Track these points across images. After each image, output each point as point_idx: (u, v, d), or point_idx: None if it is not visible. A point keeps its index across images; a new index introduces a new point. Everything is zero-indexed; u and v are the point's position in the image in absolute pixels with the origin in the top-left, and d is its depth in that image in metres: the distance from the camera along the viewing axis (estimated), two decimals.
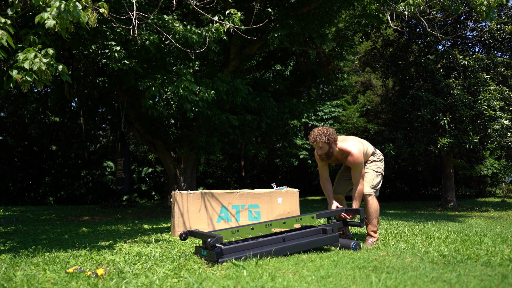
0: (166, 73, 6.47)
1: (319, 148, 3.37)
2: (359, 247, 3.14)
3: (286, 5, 7.91)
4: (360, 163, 3.41)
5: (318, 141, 3.34)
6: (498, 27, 10.24)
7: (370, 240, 3.42)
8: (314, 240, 3.13)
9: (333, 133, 3.40)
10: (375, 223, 3.47)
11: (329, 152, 3.37)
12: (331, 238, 3.20)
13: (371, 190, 3.51)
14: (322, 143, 3.34)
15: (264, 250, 2.88)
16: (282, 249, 2.95)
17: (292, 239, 3.16)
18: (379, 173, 3.59)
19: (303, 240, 3.12)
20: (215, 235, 2.72)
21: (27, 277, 2.34)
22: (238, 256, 2.75)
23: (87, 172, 15.32)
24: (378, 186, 3.55)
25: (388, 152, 10.29)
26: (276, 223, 3.22)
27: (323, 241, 3.17)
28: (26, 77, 2.99)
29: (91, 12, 3.21)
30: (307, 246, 3.09)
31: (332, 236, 3.21)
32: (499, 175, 15.30)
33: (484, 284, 2.03)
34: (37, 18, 3.01)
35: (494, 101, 9.45)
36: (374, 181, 3.53)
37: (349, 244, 3.17)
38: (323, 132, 3.33)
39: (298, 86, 11.56)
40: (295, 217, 3.32)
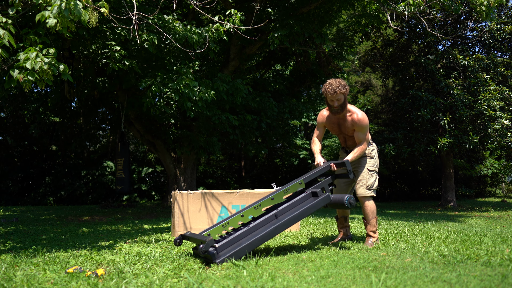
0: (166, 72, 6.48)
1: (336, 100, 3.26)
2: (352, 200, 3.07)
3: (286, 5, 7.91)
4: (366, 125, 3.30)
5: (338, 92, 3.24)
6: (498, 27, 10.24)
7: (370, 240, 3.39)
8: (307, 208, 3.03)
9: (348, 88, 3.35)
10: (373, 223, 3.42)
11: (344, 104, 3.28)
12: (324, 200, 3.10)
13: (367, 192, 3.38)
14: (341, 94, 3.25)
15: (259, 235, 2.80)
16: (277, 228, 2.86)
17: (284, 213, 3.05)
18: (373, 172, 3.42)
19: (296, 212, 3.01)
20: (206, 239, 2.66)
21: (27, 277, 2.34)
22: (234, 249, 2.70)
23: (87, 172, 15.33)
24: (374, 185, 3.40)
25: (388, 152, 10.29)
26: (265, 201, 3.08)
27: (316, 205, 3.07)
28: (28, 77, 2.99)
29: (91, 12, 3.21)
30: (301, 216, 2.99)
31: (324, 198, 3.10)
32: (499, 175, 15.31)
33: (484, 284, 2.03)
34: (38, 16, 3.00)
35: (494, 101, 9.45)
36: (369, 181, 3.38)
37: (342, 199, 3.07)
38: (341, 84, 3.26)
39: (298, 86, 11.56)
40: (283, 189, 3.16)
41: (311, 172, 3.32)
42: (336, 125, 3.44)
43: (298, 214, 2.99)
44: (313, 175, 3.29)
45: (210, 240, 2.64)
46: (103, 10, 3.28)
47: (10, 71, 3.00)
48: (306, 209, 3.04)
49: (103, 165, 15.41)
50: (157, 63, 6.96)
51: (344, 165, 3.24)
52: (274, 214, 3.01)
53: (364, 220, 3.47)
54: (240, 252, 2.73)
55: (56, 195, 14.67)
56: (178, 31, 5.50)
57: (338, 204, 3.14)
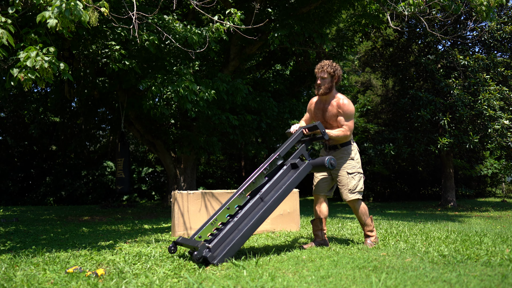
0: (166, 73, 6.48)
1: (321, 78, 3.22)
2: (333, 161, 3.01)
3: (286, 5, 7.91)
4: (351, 111, 3.20)
5: (325, 69, 3.21)
6: (498, 27, 10.24)
7: (369, 240, 3.36)
8: (291, 182, 2.93)
9: (341, 72, 3.29)
10: (369, 223, 3.36)
11: (329, 86, 3.21)
12: (305, 169, 3.01)
13: (350, 196, 3.25)
14: (326, 73, 3.21)
15: (250, 223, 2.75)
16: (265, 211, 2.80)
17: (269, 193, 2.96)
18: (354, 173, 3.27)
19: (281, 189, 2.91)
20: (198, 244, 2.61)
21: (27, 277, 2.34)
22: (228, 245, 2.66)
23: (87, 172, 15.33)
24: (357, 188, 3.25)
25: (388, 152, 10.29)
26: (248, 187, 3.00)
27: (299, 177, 2.97)
28: (28, 75, 2.99)
29: (92, 12, 3.21)
30: (286, 192, 2.90)
31: (305, 166, 3.01)
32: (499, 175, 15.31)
33: (484, 284, 2.03)
34: (39, 17, 3.00)
35: (494, 101, 9.45)
36: (350, 184, 3.24)
37: (323, 161, 3.01)
38: (332, 64, 3.25)
39: (298, 86, 11.56)
40: (263, 168, 3.06)
41: (286, 143, 3.18)
42: (321, 110, 3.33)
43: (283, 191, 2.90)
44: (288, 146, 3.16)
45: (202, 246, 2.59)
46: (103, 10, 3.28)
47: (11, 70, 3.00)
48: (290, 183, 2.94)
49: (103, 165, 15.41)
50: (157, 63, 6.96)
51: (317, 128, 3.10)
52: (259, 198, 2.92)
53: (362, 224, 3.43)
54: (234, 247, 2.68)
55: (56, 195, 14.67)
56: (178, 31, 5.50)
57: (320, 167, 3.05)
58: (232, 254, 2.67)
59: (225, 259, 2.62)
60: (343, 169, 3.26)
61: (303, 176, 3.03)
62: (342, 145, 3.28)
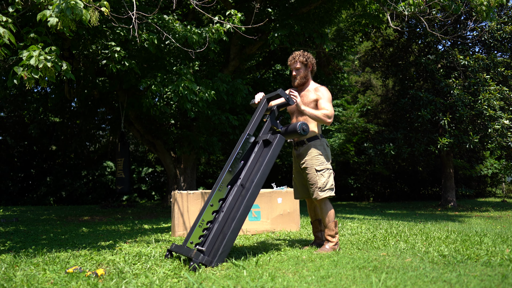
0: (166, 72, 6.48)
1: (295, 69, 3.17)
2: (305, 126, 2.89)
3: (286, 5, 7.91)
4: (329, 95, 3.12)
5: (296, 59, 3.15)
6: (498, 27, 10.24)
7: (328, 246, 3.10)
8: (267, 161, 2.79)
9: (313, 59, 3.23)
10: (332, 227, 3.11)
11: (304, 75, 3.17)
12: (279, 142, 2.86)
13: (320, 194, 3.05)
14: (299, 63, 3.16)
15: (238, 215, 2.65)
16: (249, 198, 2.70)
17: (248, 178, 2.83)
18: (323, 170, 3.08)
19: (260, 170, 2.77)
20: (191, 254, 2.54)
21: (27, 277, 2.34)
22: (222, 244, 2.60)
23: (87, 172, 15.33)
24: (327, 185, 3.07)
25: (388, 152, 10.29)
26: (225, 178, 2.84)
27: (274, 153, 2.82)
28: (32, 74, 2.99)
29: (92, 11, 3.21)
30: (266, 170, 2.77)
31: (278, 140, 2.86)
32: (499, 175, 15.31)
33: (484, 284, 2.03)
34: (39, 15, 3.00)
35: (494, 101, 9.45)
36: (320, 182, 3.06)
37: (295, 128, 2.90)
38: (304, 54, 3.18)
39: None
40: (236, 155, 2.89)
41: (253, 118, 3.01)
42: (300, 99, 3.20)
43: (262, 173, 2.76)
44: (256, 121, 3.00)
45: (195, 255, 2.52)
46: (103, 9, 3.28)
47: (14, 68, 3.00)
48: (267, 162, 2.80)
49: (103, 165, 15.41)
50: (157, 63, 6.96)
51: (280, 96, 2.96)
52: (240, 185, 2.80)
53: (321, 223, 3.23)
54: (228, 243, 2.62)
55: (56, 195, 14.67)
56: (178, 31, 5.50)
57: (292, 134, 2.93)
58: (228, 251, 2.62)
59: (222, 258, 2.59)
60: (311, 166, 3.09)
61: (278, 150, 2.88)
62: (309, 140, 3.13)
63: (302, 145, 3.17)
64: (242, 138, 2.93)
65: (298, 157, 3.20)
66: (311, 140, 3.13)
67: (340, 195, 16.48)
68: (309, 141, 3.13)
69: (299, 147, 3.20)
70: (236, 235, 2.67)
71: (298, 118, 3.20)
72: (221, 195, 2.81)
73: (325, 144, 3.19)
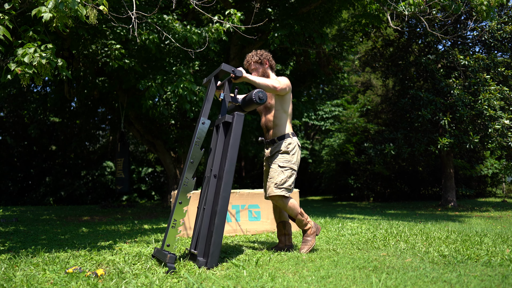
0: (165, 73, 6.48)
1: (252, 71, 3.11)
2: (261, 94, 2.75)
3: (286, 4, 7.91)
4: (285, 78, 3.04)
5: (250, 61, 3.11)
6: (499, 27, 10.23)
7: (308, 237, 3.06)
8: (232, 143, 2.64)
9: (267, 55, 3.15)
10: (300, 218, 3.03)
11: (263, 72, 3.11)
12: (238, 120, 2.68)
13: (275, 191, 2.93)
14: (254, 63, 3.10)
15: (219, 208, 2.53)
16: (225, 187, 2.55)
17: (218, 165, 2.71)
18: (286, 168, 2.98)
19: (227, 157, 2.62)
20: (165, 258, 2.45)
21: (27, 277, 2.34)
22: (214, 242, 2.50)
23: (87, 172, 15.33)
24: (286, 184, 2.95)
25: (388, 152, 10.29)
26: (188, 172, 2.68)
27: (237, 132, 2.66)
28: (25, 69, 2.98)
29: (91, 9, 3.21)
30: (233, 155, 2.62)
31: (237, 118, 2.69)
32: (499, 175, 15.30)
33: (484, 284, 2.02)
34: (34, 11, 3.00)
35: (494, 101, 9.44)
36: (278, 178, 2.94)
37: (251, 96, 2.77)
38: (256, 53, 3.14)
39: (298, 85, 11.56)
40: (194, 143, 2.75)
41: (205, 102, 2.87)
42: None
43: (230, 157, 2.62)
44: (208, 104, 2.85)
45: (169, 258, 2.42)
46: (102, 7, 3.27)
47: (8, 64, 2.99)
48: (232, 145, 2.64)
49: (102, 165, 15.41)
50: (156, 63, 6.96)
51: (224, 71, 2.80)
52: (213, 176, 2.69)
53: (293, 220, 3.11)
54: (217, 240, 2.50)
55: (56, 195, 14.67)
56: (178, 31, 5.50)
57: (250, 105, 2.79)
58: (219, 249, 2.50)
59: (216, 258, 2.50)
60: (275, 162, 3.01)
61: (240, 129, 2.70)
62: (280, 138, 3.04)
63: (273, 144, 3.08)
64: (197, 124, 2.78)
65: (268, 156, 3.13)
66: (282, 138, 3.05)
67: (340, 195, 16.48)
68: (280, 139, 3.05)
69: (269, 146, 3.12)
70: (223, 230, 2.55)
71: (267, 117, 3.11)
72: (188, 189, 2.65)
73: (295, 144, 3.08)
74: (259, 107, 3.12)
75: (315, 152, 17.34)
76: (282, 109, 3.07)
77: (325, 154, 15.83)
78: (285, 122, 3.08)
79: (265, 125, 3.15)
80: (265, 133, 3.16)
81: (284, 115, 3.08)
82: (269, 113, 3.10)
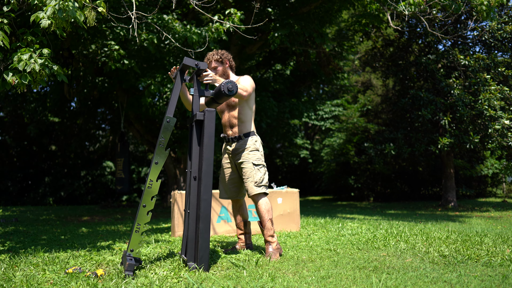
0: (165, 72, 6.47)
1: (212, 69, 3.09)
2: (230, 84, 2.62)
3: (286, 4, 7.91)
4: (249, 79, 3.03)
5: (211, 59, 3.08)
6: (499, 26, 10.23)
7: (271, 248, 2.91)
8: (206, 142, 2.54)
9: (228, 55, 3.15)
10: (269, 226, 2.95)
11: (223, 72, 3.10)
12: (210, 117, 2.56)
13: (256, 189, 2.93)
14: (215, 62, 3.08)
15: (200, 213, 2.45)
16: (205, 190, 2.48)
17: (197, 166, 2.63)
18: (260, 166, 3.00)
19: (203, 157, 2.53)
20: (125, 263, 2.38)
21: (27, 277, 2.34)
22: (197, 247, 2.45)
23: (87, 172, 15.32)
24: (264, 181, 2.97)
25: (388, 152, 10.28)
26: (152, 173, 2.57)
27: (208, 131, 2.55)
28: (21, 80, 2.98)
29: (89, 11, 3.20)
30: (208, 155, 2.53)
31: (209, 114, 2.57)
32: (499, 175, 15.28)
33: (484, 284, 2.02)
34: (33, 17, 3.00)
35: (494, 101, 9.43)
36: (257, 176, 2.96)
37: (219, 89, 2.67)
38: (217, 52, 3.12)
39: (298, 85, 11.56)
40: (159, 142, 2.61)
41: (171, 99, 2.73)
42: None
43: (206, 157, 2.53)
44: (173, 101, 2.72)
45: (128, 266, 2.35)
46: (100, 9, 3.27)
47: (4, 74, 2.99)
48: (206, 145, 2.55)
49: (102, 165, 15.41)
50: (156, 63, 6.96)
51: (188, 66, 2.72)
52: (192, 178, 2.62)
53: (260, 224, 3.02)
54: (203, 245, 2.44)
55: (56, 195, 14.66)
56: (178, 31, 5.50)
57: (221, 97, 2.69)
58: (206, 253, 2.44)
59: (205, 262, 2.44)
60: (248, 161, 2.99)
61: (213, 125, 2.58)
62: (246, 135, 3.05)
63: (238, 140, 3.06)
64: (163, 123, 2.65)
65: (234, 153, 3.08)
66: (248, 135, 3.06)
67: (340, 195, 16.47)
68: (246, 136, 3.06)
69: (234, 143, 3.09)
70: (208, 234, 2.47)
71: (231, 113, 3.09)
72: (152, 192, 2.56)
73: (259, 141, 3.11)
74: (220, 106, 3.10)
75: (315, 152, 17.33)
76: (247, 106, 3.09)
77: (325, 154, 15.82)
78: (250, 119, 3.10)
79: (228, 122, 3.12)
80: (228, 130, 3.12)
81: (250, 111, 3.10)
82: (233, 110, 3.09)
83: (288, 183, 17.24)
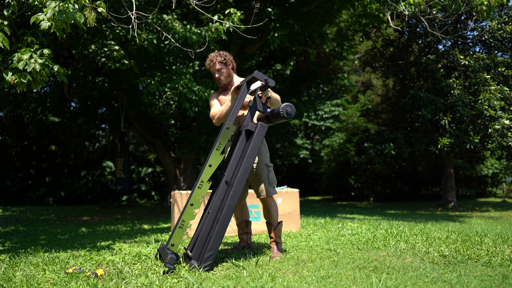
0: (165, 72, 6.47)
1: (216, 71, 3.10)
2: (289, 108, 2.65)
3: (286, 4, 7.91)
4: None
5: (215, 61, 3.08)
6: (499, 26, 10.23)
7: (278, 248, 3.00)
8: (249, 153, 2.58)
9: (230, 56, 3.17)
10: (280, 228, 3.05)
11: (227, 73, 3.11)
12: (260, 133, 2.62)
13: (272, 190, 3.00)
14: (219, 64, 3.09)
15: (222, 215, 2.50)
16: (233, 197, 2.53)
17: (233, 174, 2.65)
18: (271, 167, 3.05)
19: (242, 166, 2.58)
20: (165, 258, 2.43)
21: (27, 277, 2.34)
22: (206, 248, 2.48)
23: (87, 172, 15.31)
24: (274, 183, 3.05)
25: (388, 152, 10.28)
26: (205, 174, 2.64)
27: (255, 145, 2.60)
28: (20, 79, 2.98)
29: (89, 12, 3.20)
30: (248, 166, 2.58)
31: (259, 130, 2.63)
32: (499, 175, 15.28)
33: (484, 284, 2.02)
34: (33, 18, 3.00)
35: (494, 101, 9.43)
36: (270, 177, 3.00)
37: (278, 109, 2.69)
38: (220, 53, 3.13)
39: (298, 85, 11.55)
40: (215, 148, 2.68)
41: (233, 107, 2.80)
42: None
43: (244, 167, 2.59)
44: (236, 109, 2.77)
45: (170, 259, 2.39)
46: (100, 9, 3.27)
47: (4, 73, 3.00)
48: (248, 156, 2.60)
49: (102, 165, 15.40)
50: (156, 63, 6.96)
51: (256, 79, 2.72)
52: (224, 182, 2.64)
53: (269, 224, 3.04)
54: (213, 247, 2.47)
55: (56, 195, 14.65)
56: (178, 31, 5.50)
57: (277, 118, 2.71)
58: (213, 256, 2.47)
59: (209, 263, 2.46)
60: (262, 162, 2.99)
61: (261, 140, 2.66)
62: None
63: None
64: (221, 130, 2.73)
65: None
66: None
67: (340, 195, 16.47)
68: None
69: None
70: (221, 239, 2.52)
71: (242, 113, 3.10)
72: (201, 192, 2.62)
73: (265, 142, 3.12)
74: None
75: (315, 152, 17.33)
76: None
77: (325, 154, 15.82)
78: None
79: (238, 122, 3.13)
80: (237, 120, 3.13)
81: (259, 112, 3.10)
82: (245, 110, 3.11)
83: (288, 183, 17.25)
